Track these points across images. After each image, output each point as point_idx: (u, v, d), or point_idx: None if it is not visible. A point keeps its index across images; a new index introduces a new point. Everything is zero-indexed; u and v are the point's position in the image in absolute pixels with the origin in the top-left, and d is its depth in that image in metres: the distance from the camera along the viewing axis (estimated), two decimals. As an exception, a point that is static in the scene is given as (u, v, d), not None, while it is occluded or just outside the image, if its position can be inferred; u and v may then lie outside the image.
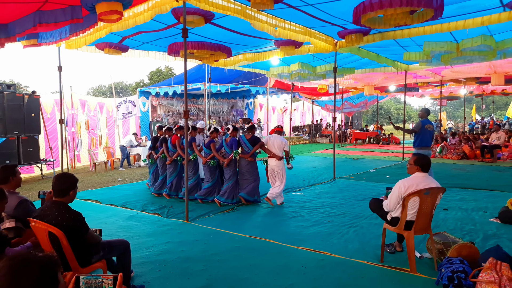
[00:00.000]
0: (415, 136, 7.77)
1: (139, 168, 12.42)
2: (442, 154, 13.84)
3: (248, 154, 6.65)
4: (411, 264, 3.73)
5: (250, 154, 6.62)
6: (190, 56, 8.37)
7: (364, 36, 7.61)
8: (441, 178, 8.44)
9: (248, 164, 6.72)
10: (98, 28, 6.75)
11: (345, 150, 18.12)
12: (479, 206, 6.38)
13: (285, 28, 7.07)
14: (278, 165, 6.68)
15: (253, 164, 6.76)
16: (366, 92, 17.84)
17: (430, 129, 7.67)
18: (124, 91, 52.13)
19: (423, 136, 7.58)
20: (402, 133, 14.72)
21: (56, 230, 2.82)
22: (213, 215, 6.18)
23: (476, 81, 16.27)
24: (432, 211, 3.78)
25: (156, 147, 7.90)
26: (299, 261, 4.10)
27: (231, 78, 17.22)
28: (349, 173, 10.36)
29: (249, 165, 6.73)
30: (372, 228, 5.25)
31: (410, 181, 3.80)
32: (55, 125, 11.94)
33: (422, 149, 7.51)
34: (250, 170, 6.73)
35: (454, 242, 3.88)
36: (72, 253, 2.90)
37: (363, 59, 10.88)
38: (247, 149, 6.69)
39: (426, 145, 7.62)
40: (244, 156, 6.66)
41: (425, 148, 7.58)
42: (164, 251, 4.48)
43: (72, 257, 2.90)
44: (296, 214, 6.14)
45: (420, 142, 7.60)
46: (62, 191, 2.97)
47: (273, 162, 6.70)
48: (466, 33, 7.54)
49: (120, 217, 6.15)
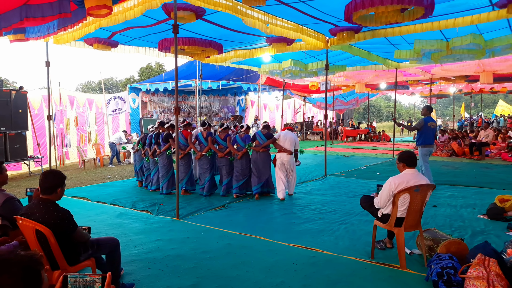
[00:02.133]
0: (418, 134, 7.76)
1: (128, 165, 12.32)
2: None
3: (261, 145, 6.98)
4: (401, 261, 3.77)
5: (263, 145, 6.95)
6: (181, 52, 8.31)
7: (355, 34, 7.63)
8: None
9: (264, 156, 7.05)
10: (87, 23, 6.65)
11: (336, 147, 18.22)
12: (468, 203, 6.47)
13: (277, 25, 7.06)
14: (289, 159, 6.94)
15: (267, 157, 7.09)
16: (357, 90, 17.93)
17: (433, 127, 7.68)
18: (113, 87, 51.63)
19: (426, 134, 7.55)
20: (393, 131, 14.83)
21: (43, 228, 2.78)
22: (204, 212, 6.16)
23: (465, 79, 16.46)
24: (422, 208, 3.81)
25: (158, 143, 7.74)
26: (290, 258, 4.11)
27: (223, 75, 17.15)
28: (340, 170, 10.41)
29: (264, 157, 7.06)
30: (363, 225, 5.28)
31: (400, 178, 3.82)
32: (43, 122, 11.76)
33: (426, 147, 7.56)
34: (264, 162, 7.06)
35: (443, 238, 3.92)
36: (60, 252, 2.86)
37: (354, 57, 10.92)
38: (262, 143, 7.01)
39: (429, 142, 7.62)
40: (256, 149, 6.98)
41: (429, 146, 7.61)
42: (154, 249, 4.45)
43: (60, 255, 2.86)
44: (287, 211, 6.15)
45: (423, 140, 7.57)
46: (49, 188, 2.93)
47: (284, 157, 6.93)
48: (456, 31, 7.60)
49: (110, 215, 6.09)
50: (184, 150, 7.33)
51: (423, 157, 7.60)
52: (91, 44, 7.85)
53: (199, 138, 7.40)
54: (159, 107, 19.84)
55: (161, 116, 19.44)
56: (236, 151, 7.08)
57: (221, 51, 8.27)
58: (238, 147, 7.15)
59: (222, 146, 7.21)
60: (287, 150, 6.90)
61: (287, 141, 6.94)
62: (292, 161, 7.02)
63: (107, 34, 7.73)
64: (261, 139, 7.01)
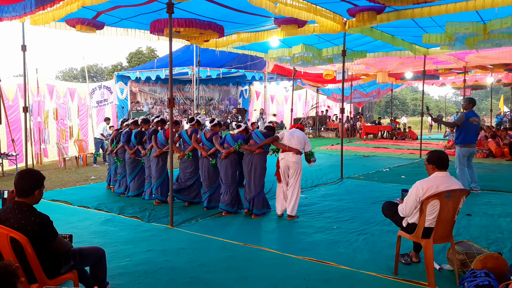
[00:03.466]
0: (457, 131, 7.68)
1: (116, 165, 12.38)
2: (465, 151, 13.90)
3: (258, 145, 6.31)
4: (429, 277, 3.75)
5: (259, 145, 6.27)
6: (176, 35, 8.31)
7: (377, 15, 7.58)
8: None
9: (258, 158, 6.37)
10: (68, 1, 6.65)
11: (354, 146, 18.18)
12: (507, 212, 6.43)
13: (287, 4, 7.02)
14: (296, 160, 6.21)
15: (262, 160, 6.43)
16: (379, 80, 17.86)
17: (475, 123, 7.61)
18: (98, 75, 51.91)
19: (466, 131, 7.48)
20: (420, 127, 14.78)
21: (19, 235, 2.80)
22: (202, 219, 6.18)
23: (505, 68, 16.35)
24: (454, 217, 3.80)
25: (143, 142, 7.77)
26: (300, 273, 4.10)
27: (223, 62, 17.19)
28: (358, 173, 10.40)
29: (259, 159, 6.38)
30: (385, 235, 5.27)
31: (429, 182, 3.81)
32: (18, 114, 11.84)
33: (466, 147, 7.49)
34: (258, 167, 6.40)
35: (478, 252, 3.90)
36: (38, 263, 2.88)
37: (376, 42, 10.86)
38: (259, 142, 6.36)
39: (471, 141, 7.54)
40: (251, 148, 6.30)
41: (470, 145, 7.54)
42: (145, 261, 4.47)
43: (38, 267, 2.88)
44: (297, 219, 6.14)
45: (463, 139, 7.50)
46: (26, 190, 2.94)
47: (290, 158, 6.22)
48: (495, 12, 7.53)
49: (94, 221, 6.12)
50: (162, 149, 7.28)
51: (460, 158, 7.54)
52: (73, 25, 7.87)
53: (182, 136, 7.15)
54: (151, 98, 19.93)
55: (153, 109, 19.50)
56: (222, 149, 6.53)
57: (222, 34, 8.26)
58: (226, 146, 6.62)
59: (206, 146, 6.80)
60: (293, 149, 6.18)
61: (294, 140, 6.24)
62: (299, 164, 6.27)
63: (92, 14, 7.75)
64: (258, 138, 6.39)
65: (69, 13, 6.99)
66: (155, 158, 7.32)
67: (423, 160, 4.45)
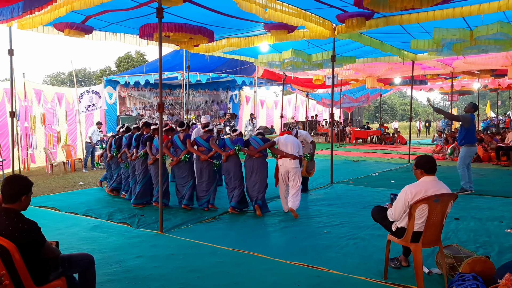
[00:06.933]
0: (462, 132, 7.72)
1: (104, 170, 12.27)
2: (453, 156, 14.07)
3: (257, 149, 6.78)
4: (419, 281, 3.78)
5: (259, 150, 6.76)
6: (165, 39, 8.31)
7: (366, 21, 7.68)
8: (451, 183, 8.52)
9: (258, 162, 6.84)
10: (57, 5, 6.62)
11: (344, 150, 18.28)
12: (495, 215, 6.50)
13: (277, 9, 7.07)
14: (294, 165, 6.62)
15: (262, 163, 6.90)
16: (368, 85, 18.03)
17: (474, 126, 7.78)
18: (87, 79, 51.49)
19: (472, 132, 7.55)
20: (409, 133, 14.93)
21: (6, 242, 2.77)
22: (192, 225, 6.15)
23: (491, 74, 16.61)
24: (442, 221, 3.84)
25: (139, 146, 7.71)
26: (291, 278, 4.11)
27: (213, 67, 17.18)
28: (348, 177, 10.45)
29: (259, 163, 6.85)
30: (375, 240, 5.30)
31: (417, 186, 3.85)
32: (5, 119, 11.69)
33: (473, 147, 7.57)
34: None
35: (466, 256, 3.95)
36: (26, 270, 2.85)
37: (365, 47, 10.98)
38: (258, 147, 6.83)
39: (475, 142, 7.63)
40: (251, 153, 6.78)
41: (473, 145, 7.64)
42: (134, 267, 4.44)
43: (25, 274, 2.85)
44: (288, 224, 6.15)
45: (470, 139, 7.54)
46: (12, 196, 2.92)
47: (288, 163, 6.62)
48: (481, 19, 7.67)
49: (82, 227, 6.06)
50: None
51: (465, 158, 7.60)
52: (61, 29, 7.83)
53: (174, 141, 7.23)
54: (140, 103, 19.82)
55: (143, 113, 19.40)
56: (222, 152, 6.90)
57: (212, 39, 8.27)
58: (227, 150, 7.02)
59: (204, 148, 7.06)
60: (290, 154, 6.62)
61: (289, 146, 6.72)
62: (297, 167, 6.73)
63: (80, 18, 7.72)
64: (256, 144, 6.85)
65: (58, 17, 6.98)
66: (154, 164, 7.27)
67: (411, 165, 4.50)
